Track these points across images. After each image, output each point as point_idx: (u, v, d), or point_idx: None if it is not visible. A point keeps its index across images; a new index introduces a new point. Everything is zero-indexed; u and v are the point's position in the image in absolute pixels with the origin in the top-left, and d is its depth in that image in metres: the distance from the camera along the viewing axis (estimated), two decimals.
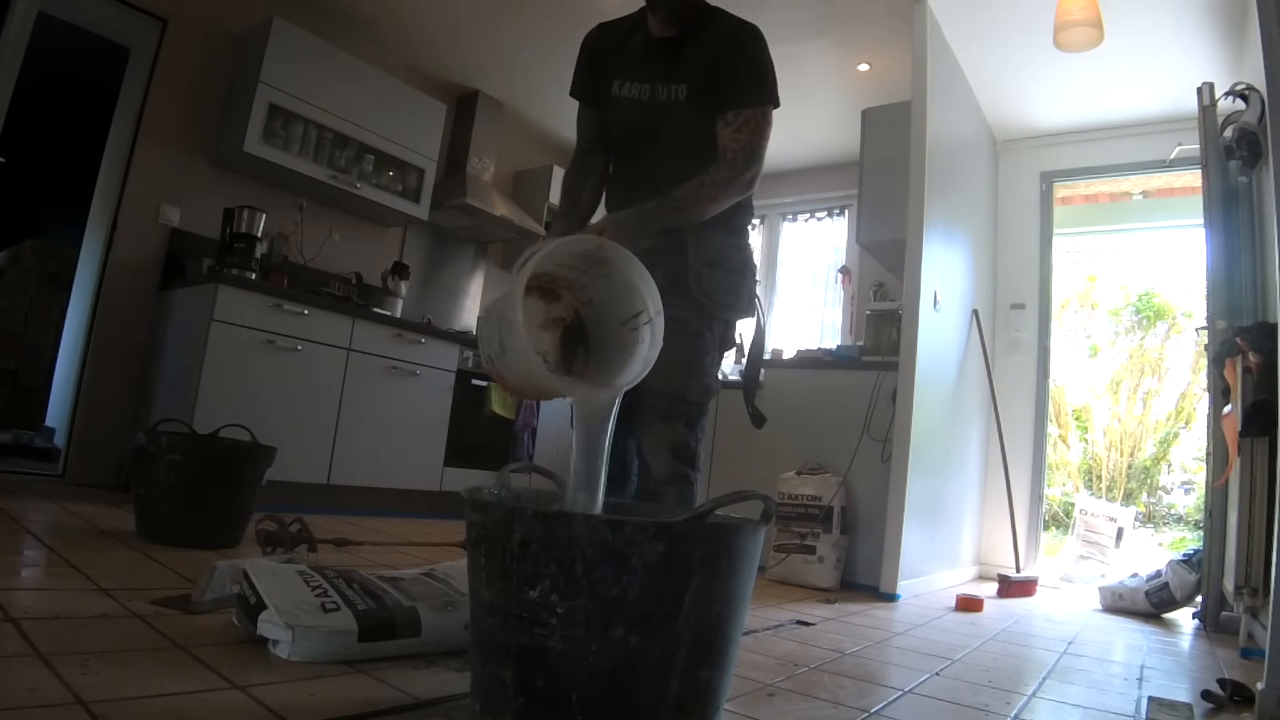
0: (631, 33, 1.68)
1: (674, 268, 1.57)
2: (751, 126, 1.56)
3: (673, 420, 1.58)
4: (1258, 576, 2.10)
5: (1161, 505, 5.59)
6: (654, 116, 1.61)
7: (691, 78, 1.58)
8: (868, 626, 2.19)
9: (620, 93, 1.64)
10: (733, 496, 0.95)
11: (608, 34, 1.73)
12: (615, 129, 1.69)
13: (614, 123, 1.68)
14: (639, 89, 1.62)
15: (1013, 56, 3.55)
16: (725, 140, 1.56)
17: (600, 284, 1.18)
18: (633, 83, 1.63)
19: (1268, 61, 1.64)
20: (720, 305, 1.62)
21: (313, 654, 1.19)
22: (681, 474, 1.59)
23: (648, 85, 1.61)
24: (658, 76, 1.61)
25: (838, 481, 3.03)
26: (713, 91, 1.57)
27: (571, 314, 1.21)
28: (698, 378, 1.60)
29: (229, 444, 2.29)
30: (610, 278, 1.17)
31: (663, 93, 1.60)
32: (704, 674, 0.90)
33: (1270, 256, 2.58)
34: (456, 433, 3.96)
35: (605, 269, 1.17)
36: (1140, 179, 4.24)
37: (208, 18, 3.60)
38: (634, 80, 1.62)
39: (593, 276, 1.18)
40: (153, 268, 3.45)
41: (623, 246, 1.25)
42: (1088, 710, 1.50)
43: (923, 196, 3.06)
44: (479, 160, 4.57)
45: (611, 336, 1.22)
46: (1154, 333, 5.79)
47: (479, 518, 0.93)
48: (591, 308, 1.21)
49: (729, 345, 1.71)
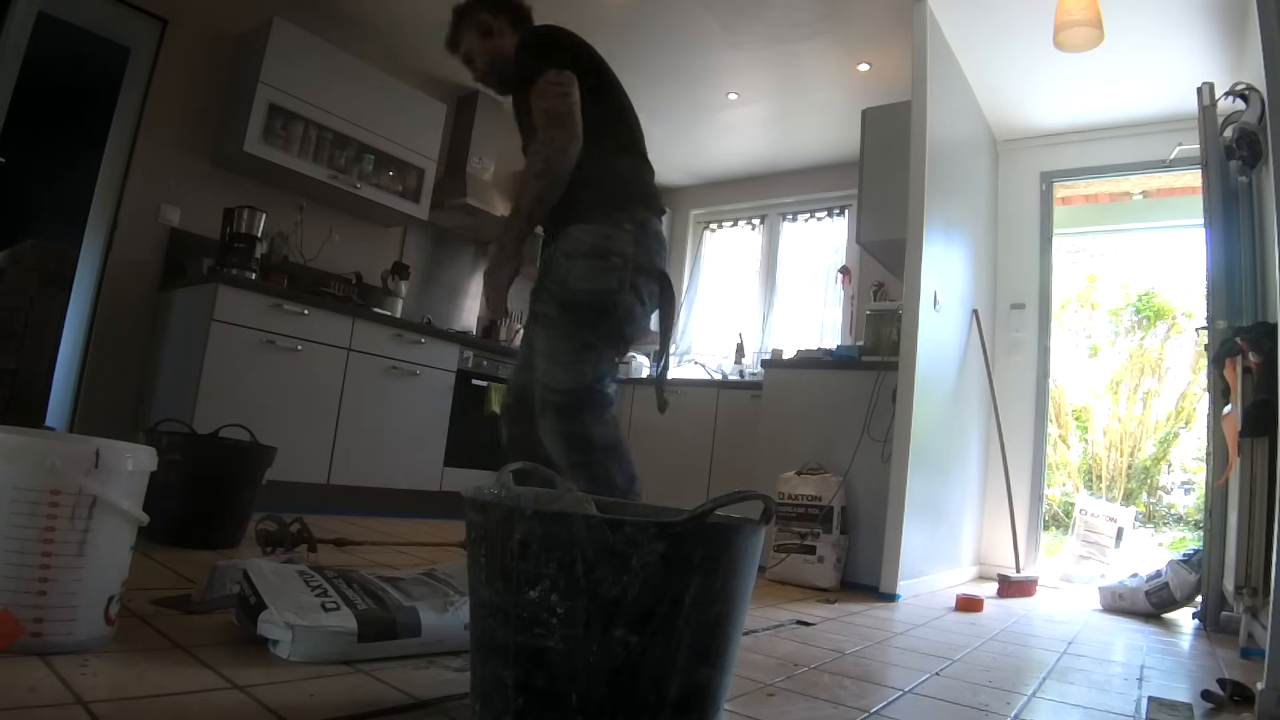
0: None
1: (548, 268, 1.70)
2: (538, 96, 1.68)
3: (544, 412, 1.63)
4: (1258, 576, 2.10)
5: (1161, 505, 5.59)
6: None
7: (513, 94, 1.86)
8: (868, 626, 2.19)
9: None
10: (733, 496, 0.95)
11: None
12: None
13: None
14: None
15: (1013, 56, 3.54)
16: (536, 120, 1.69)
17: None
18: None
19: (1268, 61, 1.64)
20: (568, 289, 1.66)
21: (313, 654, 1.19)
22: (575, 462, 1.60)
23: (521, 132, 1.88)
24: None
25: (838, 481, 3.03)
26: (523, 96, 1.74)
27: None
28: (563, 365, 1.63)
29: (229, 444, 2.29)
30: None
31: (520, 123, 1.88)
32: (704, 674, 0.90)
33: (1270, 256, 2.58)
34: (456, 433, 3.96)
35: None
36: (1140, 179, 4.24)
37: (208, 18, 3.60)
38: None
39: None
40: (153, 268, 3.45)
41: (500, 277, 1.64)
42: (1088, 710, 1.50)
43: (923, 196, 3.06)
44: (479, 160, 4.57)
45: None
46: (1154, 333, 5.79)
47: (479, 518, 0.93)
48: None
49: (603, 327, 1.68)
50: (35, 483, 1.05)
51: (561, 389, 1.62)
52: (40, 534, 1.05)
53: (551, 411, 1.62)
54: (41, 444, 1.08)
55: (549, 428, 1.62)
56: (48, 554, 1.06)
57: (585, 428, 1.61)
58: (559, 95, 1.65)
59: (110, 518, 1.12)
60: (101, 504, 1.10)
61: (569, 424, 1.61)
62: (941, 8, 3.22)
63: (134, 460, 1.16)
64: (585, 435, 1.61)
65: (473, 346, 4.13)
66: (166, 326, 3.35)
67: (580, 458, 1.60)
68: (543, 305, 1.69)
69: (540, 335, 1.68)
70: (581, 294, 1.65)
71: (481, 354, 4.14)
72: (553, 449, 1.62)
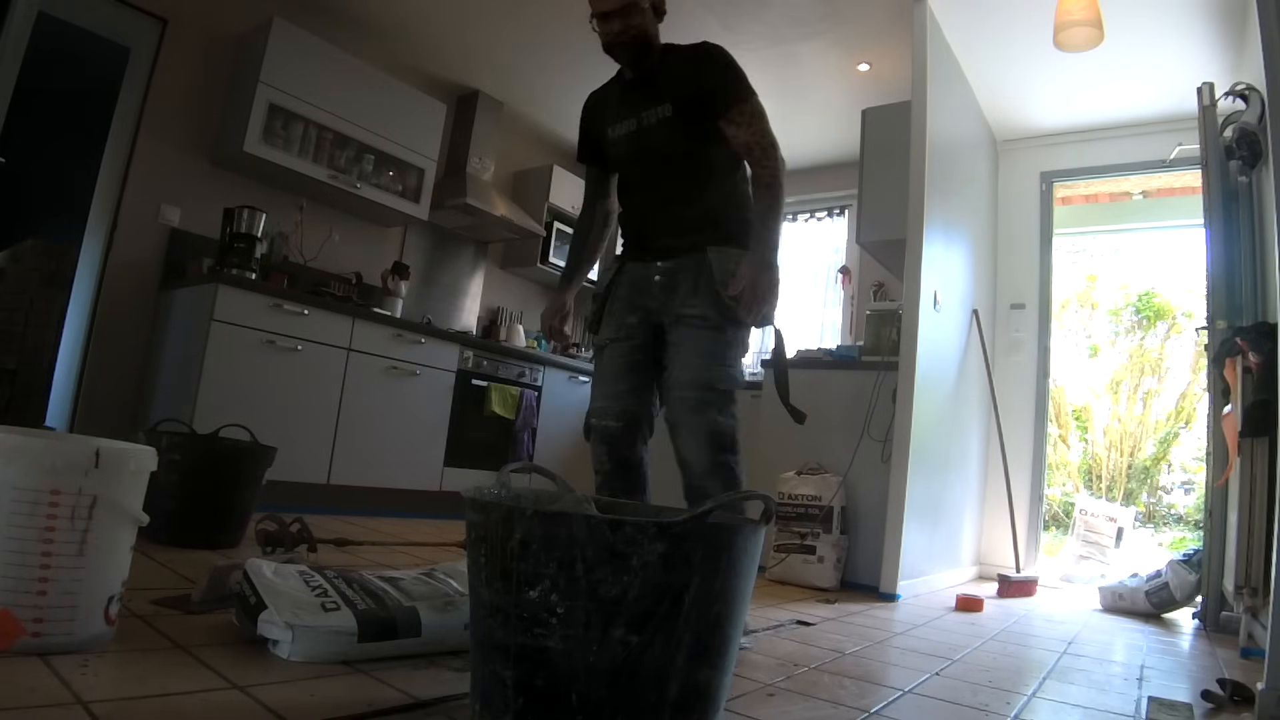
0: (613, 87, 1.95)
1: (695, 282, 1.76)
2: (755, 116, 1.74)
3: (703, 409, 1.70)
4: (1258, 576, 2.10)
5: (1161, 505, 5.59)
6: (645, 138, 1.80)
7: (672, 97, 1.77)
8: (868, 626, 2.19)
9: (614, 134, 1.87)
10: (732, 497, 0.95)
11: (595, 98, 2.01)
12: (617, 167, 1.92)
13: (615, 164, 1.92)
14: (626, 124, 1.84)
15: (1013, 56, 3.54)
16: (742, 137, 1.74)
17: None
18: (621, 121, 1.85)
19: (1268, 61, 1.64)
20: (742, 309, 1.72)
21: (313, 654, 1.20)
22: (721, 461, 1.70)
23: (633, 118, 1.83)
24: (640, 107, 1.82)
25: (838, 481, 3.03)
26: (697, 104, 1.75)
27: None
28: (722, 368, 1.73)
29: (229, 444, 2.29)
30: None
31: (649, 118, 1.80)
32: (704, 674, 0.90)
33: (1270, 256, 2.58)
34: (456, 433, 3.96)
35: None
36: (1140, 179, 4.24)
37: (208, 18, 3.60)
38: (621, 120, 1.85)
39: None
40: (153, 268, 3.45)
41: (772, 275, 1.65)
42: (1088, 710, 1.50)
43: (923, 196, 3.06)
44: (479, 160, 4.57)
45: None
46: (1154, 333, 5.79)
47: (479, 518, 0.93)
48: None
49: (745, 349, 1.83)
50: (35, 483, 1.05)
51: (724, 388, 1.72)
52: (40, 534, 1.05)
53: (713, 410, 1.70)
54: (41, 444, 1.08)
55: (703, 427, 1.69)
56: (48, 554, 1.06)
57: (736, 428, 1.74)
58: (767, 119, 1.77)
59: (110, 518, 1.12)
60: (101, 504, 1.10)
61: (729, 421, 1.72)
62: (941, 8, 3.22)
63: (134, 460, 1.16)
64: (735, 435, 1.73)
65: (473, 346, 4.13)
66: (166, 326, 3.35)
67: (727, 457, 1.70)
68: (699, 310, 1.74)
69: (696, 337, 1.74)
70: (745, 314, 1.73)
71: (481, 354, 4.14)
72: (697, 448, 1.70)
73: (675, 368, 1.75)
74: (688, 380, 1.71)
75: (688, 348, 1.74)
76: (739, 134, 1.73)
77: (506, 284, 5.09)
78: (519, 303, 5.14)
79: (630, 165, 1.87)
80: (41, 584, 1.05)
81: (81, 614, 1.09)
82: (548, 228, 4.82)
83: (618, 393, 1.82)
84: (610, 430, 1.81)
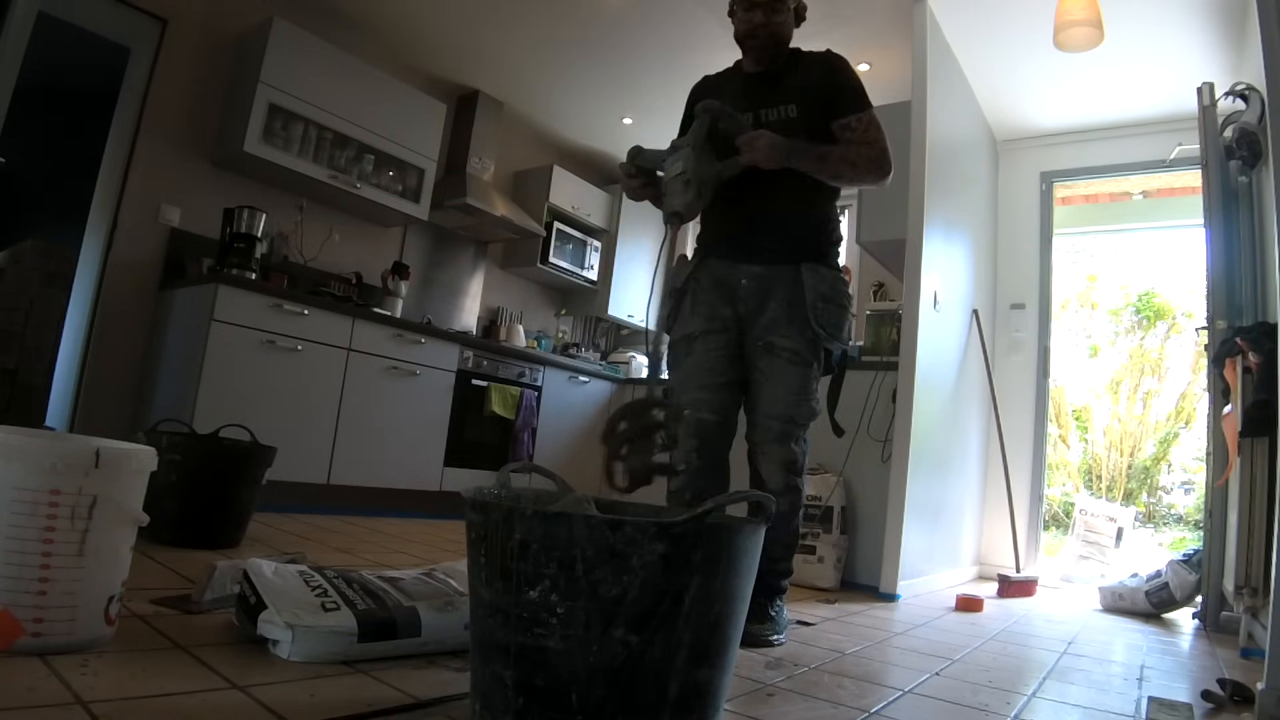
0: (731, 77, 1.94)
1: (788, 298, 1.79)
2: (874, 127, 1.79)
3: (785, 441, 1.80)
4: (1258, 576, 2.10)
5: (1161, 505, 5.59)
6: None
7: (799, 99, 1.79)
8: (868, 626, 2.19)
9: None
10: (733, 496, 0.95)
11: (708, 82, 1.99)
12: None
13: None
14: (743, 117, 1.78)
15: (1013, 57, 3.54)
16: (858, 139, 1.79)
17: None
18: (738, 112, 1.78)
19: (1268, 61, 1.64)
20: (829, 338, 1.82)
21: (313, 654, 1.20)
22: (793, 484, 1.83)
23: (750, 113, 1.80)
24: (761, 102, 1.81)
25: (837, 481, 3.03)
26: (823, 107, 1.78)
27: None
28: (807, 403, 1.82)
29: (229, 444, 2.29)
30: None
31: (771, 114, 1.79)
32: (703, 674, 0.90)
33: (1270, 256, 2.58)
34: (456, 433, 3.96)
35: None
36: (1140, 179, 4.24)
37: (208, 18, 3.60)
38: (738, 110, 1.78)
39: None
40: (153, 268, 3.45)
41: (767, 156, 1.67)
42: (1088, 710, 1.50)
43: (923, 196, 3.06)
44: (479, 160, 4.57)
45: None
46: (1154, 333, 5.79)
47: (479, 518, 0.93)
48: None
49: (828, 370, 1.92)
50: (35, 483, 1.05)
51: (804, 423, 1.83)
52: (40, 534, 1.05)
53: (792, 443, 1.81)
54: (41, 444, 1.08)
55: (783, 456, 1.80)
56: (48, 554, 1.06)
57: (806, 458, 1.87)
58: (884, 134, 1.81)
59: (110, 518, 1.12)
60: (101, 504, 1.10)
61: (803, 449, 1.84)
62: (941, 8, 3.22)
63: (134, 460, 1.16)
64: (804, 464, 1.86)
65: (473, 346, 4.13)
66: (166, 326, 3.35)
67: (796, 480, 1.83)
68: (792, 344, 1.80)
69: (787, 372, 1.81)
70: (833, 341, 1.84)
71: (481, 354, 4.14)
72: (775, 470, 1.81)
73: (764, 398, 1.82)
74: (777, 414, 1.79)
75: (778, 381, 1.80)
76: (855, 137, 1.78)
77: (506, 284, 5.09)
78: (519, 303, 5.14)
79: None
80: (41, 584, 1.05)
81: (81, 614, 1.09)
82: (548, 228, 4.82)
83: (714, 385, 1.82)
84: (706, 424, 1.81)
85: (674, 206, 1.65)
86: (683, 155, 1.66)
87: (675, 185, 1.66)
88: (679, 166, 1.66)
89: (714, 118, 1.70)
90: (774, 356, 1.80)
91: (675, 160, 1.67)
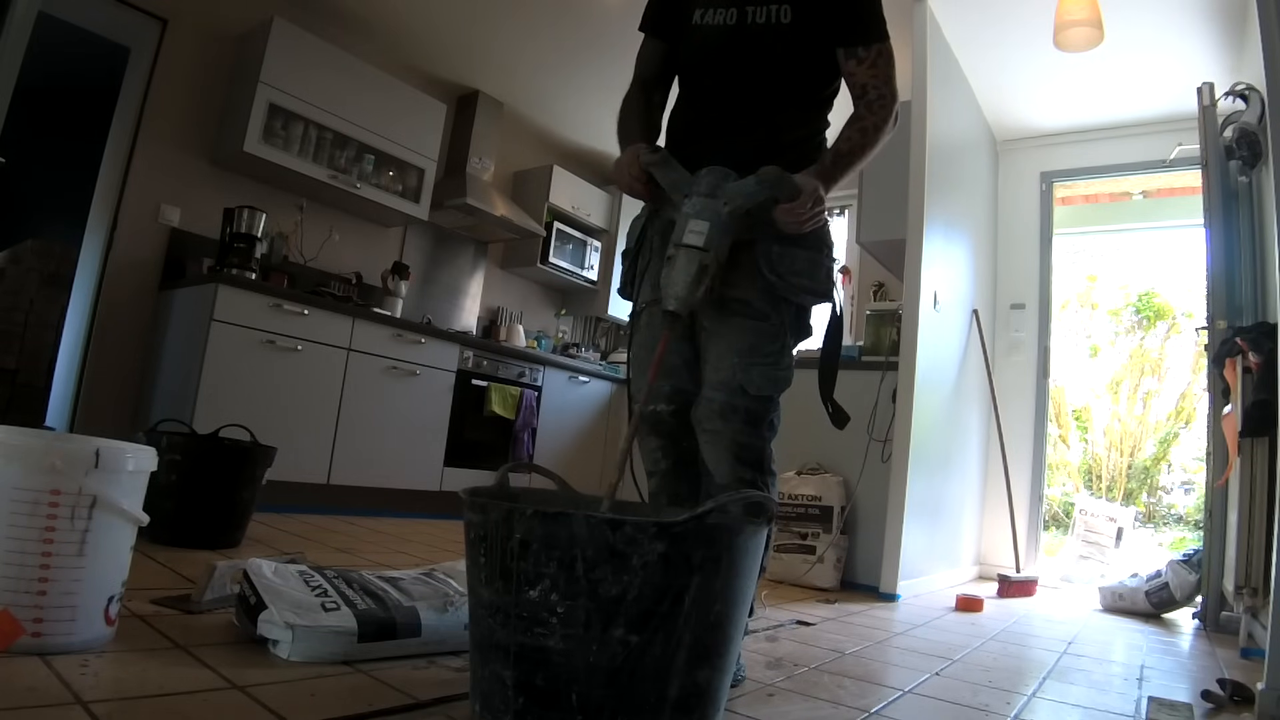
0: None
1: (741, 247, 1.36)
2: (885, 60, 1.43)
3: (729, 417, 1.37)
4: (1258, 576, 2.10)
5: (1161, 505, 5.59)
6: (745, 42, 1.41)
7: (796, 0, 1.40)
8: (868, 626, 2.19)
9: (702, 21, 1.45)
10: (733, 497, 0.95)
11: None
12: (691, 64, 1.50)
13: (690, 57, 1.49)
14: (724, 14, 1.42)
15: (1013, 56, 3.54)
16: (863, 77, 1.43)
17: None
18: (717, 8, 1.43)
19: (1268, 61, 1.64)
20: (791, 286, 1.40)
21: (313, 654, 1.20)
22: (746, 479, 1.38)
23: (734, 9, 1.42)
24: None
25: (838, 481, 3.03)
26: (823, 18, 1.39)
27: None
28: (761, 366, 1.38)
29: (229, 444, 2.29)
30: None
31: (759, 14, 1.40)
32: (704, 674, 0.90)
33: (1270, 256, 2.58)
34: (456, 433, 3.96)
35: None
36: (1140, 179, 4.24)
37: (208, 18, 3.60)
38: (719, 5, 1.43)
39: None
40: (153, 268, 3.45)
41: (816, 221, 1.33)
42: (1088, 710, 1.50)
43: (923, 196, 3.06)
44: (479, 160, 4.57)
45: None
46: (1154, 333, 5.79)
47: (479, 518, 0.93)
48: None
49: (805, 333, 1.49)
50: (35, 483, 1.05)
51: (757, 394, 1.37)
52: (40, 534, 1.05)
53: (739, 418, 1.37)
54: (41, 444, 1.08)
55: (729, 438, 1.37)
56: (48, 554, 1.06)
57: (766, 443, 1.42)
58: (895, 71, 1.45)
59: (110, 518, 1.12)
60: (101, 504, 1.10)
61: (752, 436, 1.39)
62: (941, 8, 3.22)
63: (134, 460, 1.16)
64: (762, 451, 1.41)
65: (473, 346, 4.13)
66: (166, 326, 3.35)
67: (750, 475, 1.39)
68: (745, 293, 1.39)
69: (739, 327, 1.39)
70: (799, 292, 1.42)
71: (481, 354, 4.14)
72: (720, 460, 1.39)
73: (709, 365, 1.42)
74: (721, 381, 1.37)
75: (722, 339, 1.40)
76: (861, 71, 1.42)
77: (506, 284, 5.09)
78: (519, 303, 5.14)
79: (713, 65, 1.45)
80: (41, 584, 1.05)
81: (81, 614, 1.09)
82: (548, 228, 4.82)
83: (667, 368, 1.43)
84: (662, 417, 1.46)
85: (673, 303, 1.25)
86: (709, 219, 1.26)
87: (683, 264, 1.25)
88: (699, 234, 1.25)
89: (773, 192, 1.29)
90: (721, 311, 1.39)
91: (698, 218, 1.27)
